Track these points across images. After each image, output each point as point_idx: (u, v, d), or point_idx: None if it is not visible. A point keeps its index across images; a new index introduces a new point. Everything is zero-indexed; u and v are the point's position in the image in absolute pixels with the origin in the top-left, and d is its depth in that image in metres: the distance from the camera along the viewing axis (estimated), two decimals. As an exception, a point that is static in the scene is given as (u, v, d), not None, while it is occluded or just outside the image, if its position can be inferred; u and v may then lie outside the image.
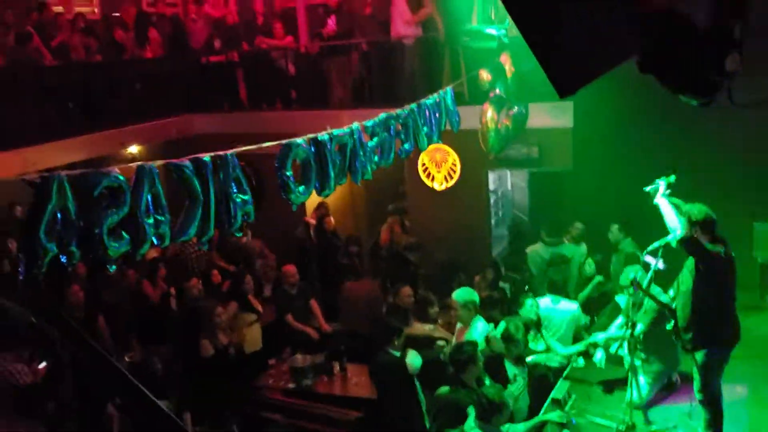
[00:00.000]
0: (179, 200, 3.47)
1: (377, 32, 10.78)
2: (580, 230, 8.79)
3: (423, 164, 9.60)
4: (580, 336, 6.94)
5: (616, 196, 8.48)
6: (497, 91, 7.64)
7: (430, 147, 8.11)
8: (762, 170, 7.89)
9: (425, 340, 6.80)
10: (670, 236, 5.59)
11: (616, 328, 6.56)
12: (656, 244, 5.74)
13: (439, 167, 9.46)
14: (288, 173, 3.97)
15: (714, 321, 5.34)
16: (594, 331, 6.90)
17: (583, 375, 6.64)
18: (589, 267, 7.91)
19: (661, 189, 5.72)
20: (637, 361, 5.90)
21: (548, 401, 6.17)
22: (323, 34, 11.47)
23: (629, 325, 5.73)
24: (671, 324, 5.69)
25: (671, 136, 8.20)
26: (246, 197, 3.64)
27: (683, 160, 7.66)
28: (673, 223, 5.45)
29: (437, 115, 5.94)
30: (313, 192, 4.30)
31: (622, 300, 6.86)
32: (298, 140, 4.08)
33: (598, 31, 2.79)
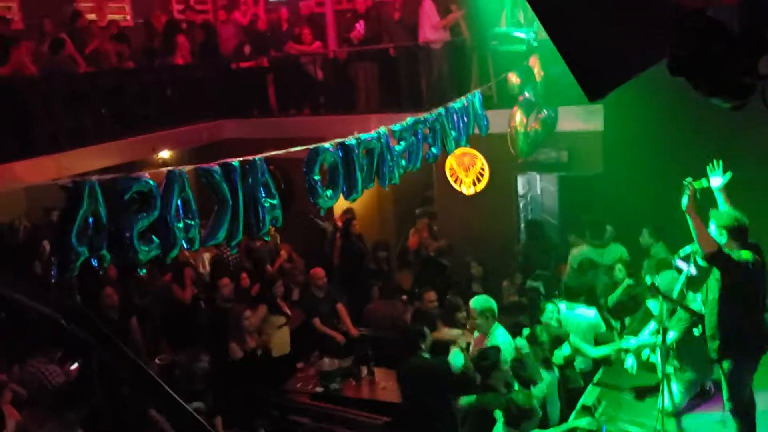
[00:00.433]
0: (209, 204, 3.51)
1: (405, 37, 10.80)
2: (610, 233, 8.70)
3: (451, 168, 9.57)
4: (603, 343, 6.84)
5: (648, 200, 8.36)
6: (526, 94, 7.59)
7: (458, 151, 8.12)
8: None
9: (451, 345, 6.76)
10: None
11: (648, 334, 6.47)
12: (688, 249, 5.67)
13: (467, 171, 9.42)
14: (316, 177, 4.00)
15: (740, 330, 5.20)
16: (625, 336, 6.81)
17: (615, 381, 6.55)
18: (619, 272, 7.80)
19: (690, 195, 5.25)
20: (670, 368, 5.82)
21: (578, 407, 6.10)
22: (351, 39, 11.50)
23: (661, 331, 5.65)
24: (699, 331, 5.59)
25: (703, 139, 8.05)
26: (274, 201, 3.66)
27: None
28: (701, 238, 5.11)
29: (465, 119, 5.92)
30: (341, 196, 4.33)
31: (653, 305, 6.76)
32: (326, 145, 4.10)
33: (628, 35, 2.76)
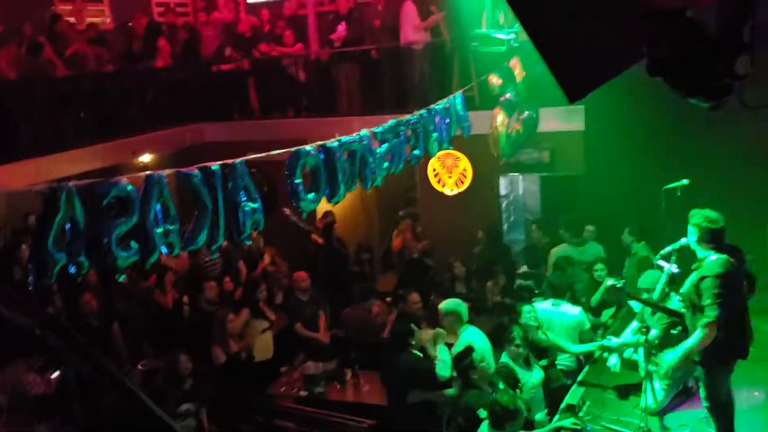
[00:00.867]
0: (190, 209, 3.48)
1: (387, 39, 10.79)
2: (592, 232, 8.75)
3: (434, 170, 9.58)
4: (587, 341, 6.86)
5: (629, 199, 8.43)
6: (508, 95, 7.61)
7: (441, 152, 8.12)
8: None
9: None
10: (683, 240, 5.54)
11: (631, 333, 6.50)
12: (669, 248, 5.70)
13: (450, 173, 9.44)
14: (297, 180, 3.98)
15: (723, 333, 5.02)
16: (607, 335, 6.84)
17: (598, 380, 6.57)
18: (600, 271, 7.84)
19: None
20: (652, 367, 5.84)
21: (562, 407, 6.11)
22: (333, 41, 11.48)
23: (643, 330, 5.67)
24: (677, 330, 5.57)
25: (684, 139, 8.14)
26: (255, 205, 3.64)
27: (696, 163, 7.63)
28: None
29: (447, 120, 5.93)
30: (324, 199, 4.31)
31: (636, 304, 6.80)
32: (307, 147, 4.09)
33: (607, 35, 2.77)
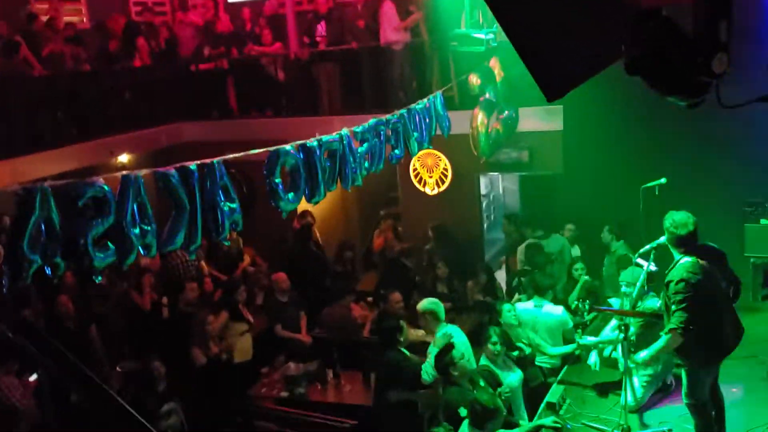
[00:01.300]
0: (167, 209, 3.44)
1: (367, 38, 10.77)
2: (573, 231, 8.80)
3: (414, 169, 9.59)
4: (570, 340, 6.90)
5: (608, 198, 8.48)
6: (487, 95, 7.64)
7: (422, 152, 8.13)
8: (752, 170, 7.89)
9: (418, 345, 6.77)
10: (661, 238, 5.58)
11: (610, 331, 6.54)
12: (648, 247, 5.74)
13: (430, 172, 9.45)
14: (277, 180, 3.96)
15: (695, 336, 5.03)
16: (587, 334, 6.87)
17: (578, 378, 6.61)
18: (580, 270, 7.88)
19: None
20: (631, 364, 5.88)
21: (543, 405, 6.14)
22: (313, 41, 11.44)
23: (622, 327, 5.70)
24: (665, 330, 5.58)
25: (662, 138, 8.20)
26: (234, 205, 3.61)
27: (674, 162, 7.70)
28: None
29: (427, 120, 5.93)
30: (303, 199, 4.29)
31: (614, 302, 6.85)
32: (287, 147, 4.06)
33: (585, 35, 2.78)
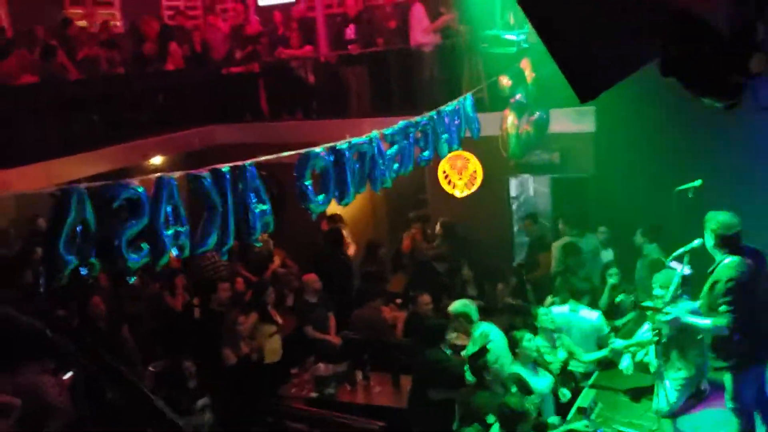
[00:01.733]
0: (200, 211, 3.48)
1: (396, 40, 10.78)
2: (605, 234, 8.69)
3: (444, 171, 9.56)
4: (604, 346, 6.82)
5: (641, 200, 8.37)
6: (518, 96, 7.60)
7: (451, 154, 8.10)
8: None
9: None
10: (696, 241, 5.50)
11: (642, 335, 6.46)
12: (682, 250, 5.64)
13: (460, 174, 9.42)
14: (307, 183, 3.98)
15: (743, 336, 5.01)
16: (616, 337, 6.78)
17: (610, 383, 6.53)
18: (614, 274, 7.76)
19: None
20: (664, 368, 5.79)
21: (573, 410, 6.08)
22: (342, 43, 11.49)
23: (655, 331, 5.63)
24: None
25: (695, 140, 8.08)
26: (265, 207, 3.64)
27: (707, 164, 7.57)
28: None
29: (457, 121, 5.92)
30: (334, 201, 4.31)
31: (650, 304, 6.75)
32: (317, 149, 4.09)
33: (619, 35, 2.75)
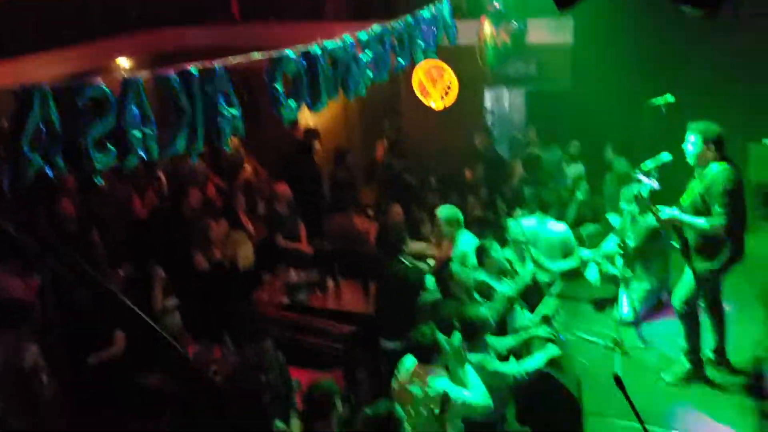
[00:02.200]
0: (170, 115, 3.39)
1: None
2: (577, 148, 8.74)
3: (419, 82, 9.42)
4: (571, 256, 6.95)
5: (614, 116, 8.36)
6: (495, 4, 7.45)
7: (426, 64, 7.97)
8: (757, 88, 7.74)
9: (417, 257, 6.84)
10: (664, 155, 5.54)
11: (608, 246, 6.58)
12: (650, 164, 5.64)
13: (434, 84, 9.29)
14: (278, 86, 3.89)
15: (726, 241, 5.17)
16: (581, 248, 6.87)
17: (574, 292, 6.68)
18: (583, 190, 7.85)
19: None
20: (628, 274, 5.93)
21: (537, 316, 6.23)
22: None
23: (621, 245, 5.74)
24: (678, 243, 5.45)
25: (670, 55, 8.04)
26: (235, 111, 3.56)
27: (681, 79, 7.55)
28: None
29: (434, 28, 5.79)
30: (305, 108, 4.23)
31: (615, 219, 6.86)
32: (289, 53, 3.98)
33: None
